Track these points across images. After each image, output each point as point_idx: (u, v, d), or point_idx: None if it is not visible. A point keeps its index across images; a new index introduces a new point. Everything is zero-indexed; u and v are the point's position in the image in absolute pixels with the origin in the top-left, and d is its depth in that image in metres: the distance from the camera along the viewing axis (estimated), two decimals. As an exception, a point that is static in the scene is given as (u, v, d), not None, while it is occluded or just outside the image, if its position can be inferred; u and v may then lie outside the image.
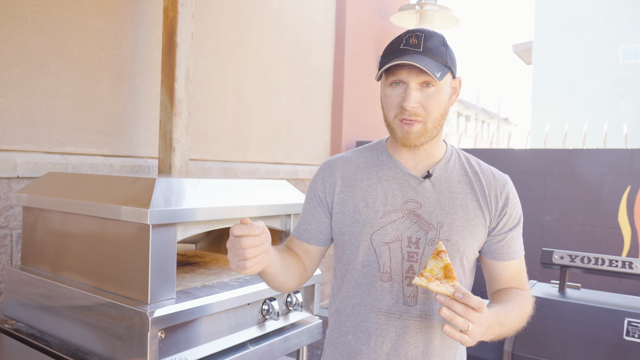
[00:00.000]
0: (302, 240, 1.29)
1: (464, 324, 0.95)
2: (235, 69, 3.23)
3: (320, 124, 4.26)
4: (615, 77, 15.04)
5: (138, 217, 1.35)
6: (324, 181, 1.27)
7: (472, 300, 0.95)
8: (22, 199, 1.76)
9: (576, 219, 4.02)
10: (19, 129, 2.11)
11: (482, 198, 1.20)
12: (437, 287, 0.98)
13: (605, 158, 3.88)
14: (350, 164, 1.27)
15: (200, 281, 1.66)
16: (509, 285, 1.24)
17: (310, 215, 1.29)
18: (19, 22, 2.10)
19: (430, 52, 1.11)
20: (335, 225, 1.24)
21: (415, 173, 1.21)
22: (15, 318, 1.75)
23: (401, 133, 1.15)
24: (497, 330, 1.07)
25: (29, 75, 2.14)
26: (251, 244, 0.97)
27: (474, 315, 0.95)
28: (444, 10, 4.35)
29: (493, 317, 1.04)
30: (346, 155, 1.31)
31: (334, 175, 1.26)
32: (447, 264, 1.01)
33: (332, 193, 1.25)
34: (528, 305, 1.19)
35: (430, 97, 1.12)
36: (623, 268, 1.93)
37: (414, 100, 1.10)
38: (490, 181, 1.22)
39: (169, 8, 2.35)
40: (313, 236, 1.28)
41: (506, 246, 1.21)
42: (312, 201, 1.29)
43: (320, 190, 1.27)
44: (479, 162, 1.27)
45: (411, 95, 1.10)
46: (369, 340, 1.18)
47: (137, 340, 1.33)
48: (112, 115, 2.47)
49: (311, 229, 1.28)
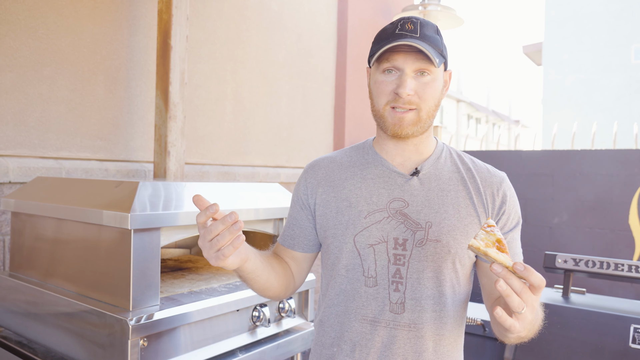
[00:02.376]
0: (286, 246, 1.24)
1: (519, 304, 0.83)
2: (234, 72, 3.20)
3: (323, 126, 4.22)
4: (628, 77, 14.82)
5: (119, 221, 1.31)
6: (307, 183, 1.22)
7: (533, 275, 0.83)
8: (10, 204, 1.74)
9: (585, 222, 3.92)
10: (12, 134, 2.10)
11: (477, 196, 1.12)
12: (496, 254, 0.85)
13: (614, 159, 3.78)
14: (334, 163, 1.21)
15: (189, 287, 1.62)
16: None
17: (293, 220, 1.24)
18: (11, 26, 2.09)
19: (428, 39, 1.06)
20: (320, 229, 1.18)
21: (403, 170, 1.14)
22: (4, 326, 1.73)
23: (392, 120, 1.08)
24: (531, 324, 0.95)
25: (22, 79, 2.13)
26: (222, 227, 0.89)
27: (530, 296, 0.84)
28: (448, 10, 4.29)
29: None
30: (331, 155, 1.25)
31: (317, 175, 1.21)
32: (499, 238, 0.89)
33: (315, 194, 1.19)
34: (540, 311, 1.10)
35: (426, 85, 1.07)
36: (629, 272, 1.86)
37: (409, 87, 1.05)
38: (485, 178, 1.14)
39: (163, 11, 2.33)
40: (297, 242, 1.23)
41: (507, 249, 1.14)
42: (295, 205, 1.24)
43: (303, 193, 1.22)
44: (473, 159, 1.19)
45: (407, 82, 1.05)
46: (354, 352, 1.11)
47: (117, 349, 1.29)
48: (108, 120, 2.45)
49: (294, 234, 1.23)
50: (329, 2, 4.22)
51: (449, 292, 1.10)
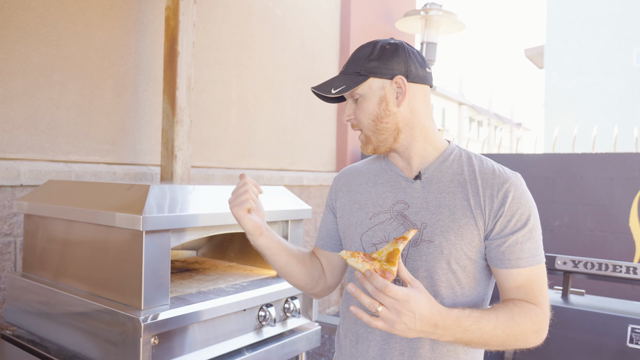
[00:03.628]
0: (317, 246, 1.36)
1: (370, 304, 0.95)
2: (239, 76, 3.25)
3: (326, 130, 4.26)
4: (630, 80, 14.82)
5: (131, 223, 1.36)
6: (332, 189, 1.34)
7: (376, 280, 0.94)
8: (23, 207, 1.79)
9: (586, 225, 3.95)
10: (23, 138, 2.15)
11: (474, 198, 1.12)
12: (355, 262, 0.97)
13: (615, 162, 3.82)
14: (356, 171, 1.32)
15: (197, 287, 1.66)
16: (515, 296, 1.10)
17: (322, 223, 1.36)
18: (23, 33, 2.14)
19: (347, 69, 1.17)
20: (340, 230, 1.29)
21: (409, 175, 1.20)
22: (17, 324, 1.77)
23: None
24: (458, 334, 1.00)
25: (33, 85, 2.18)
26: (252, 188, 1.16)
27: (386, 299, 0.94)
28: (450, 15, 4.34)
29: (451, 317, 0.98)
30: (356, 164, 1.36)
31: (340, 182, 1.33)
32: (395, 249, 1.00)
33: (337, 199, 1.31)
34: (530, 321, 1.04)
35: (358, 107, 1.17)
36: (627, 274, 1.90)
37: (346, 113, 1.19)
38: (487, 179, 1.13)
39: (171, 17, 2.38)
40: (325, 242, 1.33)
41: (507, 252, 1.09)
42: (326, 209, 1.36)
43: (329, 198, 1.35)
44: (482, 161, 1.18)
45: (345, 109, 1.19)
46: (357, 344, 1.18)
47: (130, 346, 1.34)
48: (116, 124, 2.50)
49: (323, 235, 1.34)
50: (332, 7, 4.27)
51: (446, 292, 1.12)
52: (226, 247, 2.22)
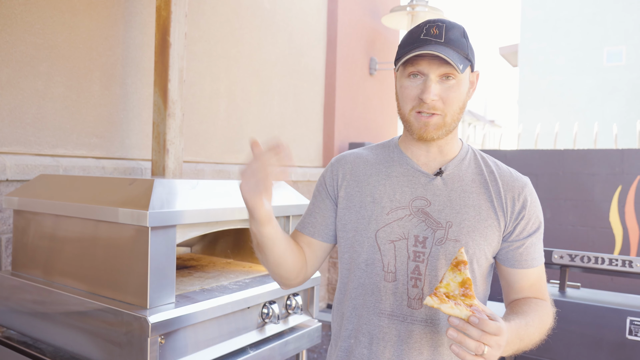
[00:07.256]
0: (305, 233, 1.24)
1: (477, 347, 0.88)
2: (227, 70, 3.19)
3: (313, 125, 4.23)
4: (601, 79, 15.23)
5: (137, 219, 1.31)
6: (332, 174, 1.23)
7: (488, 326, 0.88)
8: (12, 202, 1.71)
9: (568, 219, 4.04)
10: (7, 131, 2.05)
11: (497, 200, 1.13)
12: (451, 309, 0.90)
13: (596, 158, 3.90)
14: (360, 159, 1.23)
15: (199, 285, 1.62)
16: (527, 294, 1.16)
17: (316, 208, 1.24)
18: (7, 21, 2.04)
19: (452, 44, 1.07)
20: (340, 222, 1.20)
21: (427, 170, 1.16)
22: (6, 325, 1.69)
23: (418, 125, 1.10)
24: (516, 345, 1.01)
25: (18, 75, 2.08)
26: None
27: (491, 339, 0.88)
28: (435, 11, 4.36)
29: (513, 332, 0.98)
30: (357, 151, 1.27)
31: (344, 169, 1.22)
32: (465, 278, 0.93)
33: (340, 187, 1.21)
34: (549, 317, 1.11)
35: (450, 89, 1.08)
36: (623, 267, 1.93)
37: (433, 92, 1.06)
38: (507, 182, 1.15)
39: (162, 7, 2.30)
40: (317, 230, 1.23)
41: (525, 253, 1.13)
42: (320, 194, 1.24)
43: (329, 184, 1.23)
44: (497, 163, 1.21)
45: (431, 88, 1.06)
46: (371, 344, 1.13)
47: (136, 347, 1.29)
48: (104, 117, 2.42)
49: (316, 222, 1.23)
50: (319, 2, 4.23)
51: None
52: (220, 243, 2.17)
